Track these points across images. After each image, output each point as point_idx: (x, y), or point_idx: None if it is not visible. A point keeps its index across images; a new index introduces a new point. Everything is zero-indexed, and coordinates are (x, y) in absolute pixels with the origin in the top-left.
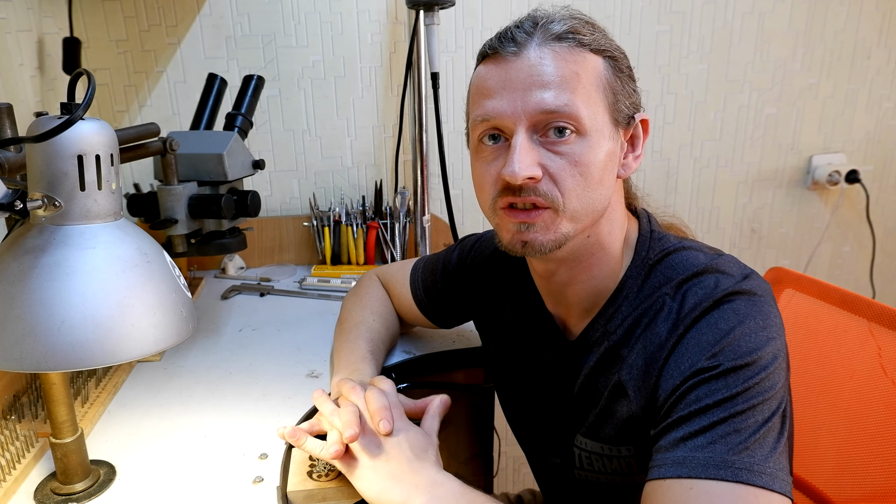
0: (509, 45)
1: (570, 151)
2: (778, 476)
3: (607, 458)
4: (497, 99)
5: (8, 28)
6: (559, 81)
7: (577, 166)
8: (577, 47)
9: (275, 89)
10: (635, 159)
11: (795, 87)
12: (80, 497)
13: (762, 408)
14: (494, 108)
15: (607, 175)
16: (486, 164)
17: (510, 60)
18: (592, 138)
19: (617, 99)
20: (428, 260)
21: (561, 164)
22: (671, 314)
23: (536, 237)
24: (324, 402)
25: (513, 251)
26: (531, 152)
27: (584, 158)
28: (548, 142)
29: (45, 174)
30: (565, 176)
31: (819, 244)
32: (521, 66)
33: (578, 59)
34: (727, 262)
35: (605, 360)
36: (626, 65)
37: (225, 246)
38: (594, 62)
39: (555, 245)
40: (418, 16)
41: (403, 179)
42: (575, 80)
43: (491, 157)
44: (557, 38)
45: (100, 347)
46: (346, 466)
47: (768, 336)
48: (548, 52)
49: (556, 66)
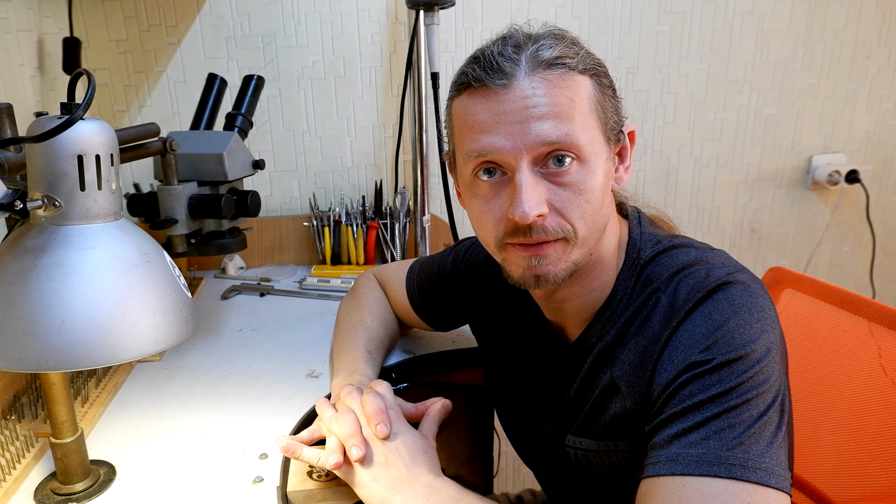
0: (497, 77)
1: (573, 181)
2: (774, 471)
3: (604, 453)
4: (493, 134)
5: (8, 28)
6: (557, 111)
7: (581, 194)
8: (567, 73)
9: (275, 89)
10: (626, 170)
11: (795, 87)
12: (80, 497)
13: (757, 402)
14: (492, 144)
15: (607, 195)
16: (485, 201)
17: (500, 93)
18: (591, 163)
19: (607, 116)
20: (424, 262)
21: (566, 196)
22: (664, 307)
23: (549, 269)
24: (324, 407)
25: (524, 285)
26: (536, 189)
27: (586, 185)
28: (549, 173)
29: (45, 174)
30: (572, 207)
31: (819, 244)
32: (513, 97)
33: (570, 84)
34: (718, 255)
35: (599, 360)
36: (608, 78)
37: (225, 246)
38: (584, 84)
39: (567, 274)
40: (418, 16)
41: (403, 179)
42: (571, 107)
43: (490, 193)
44: (548, 65)
45: (100, 347)
46: (346, 474)
47: (762, 328)
48: (539, 81)
49: (551, 95)
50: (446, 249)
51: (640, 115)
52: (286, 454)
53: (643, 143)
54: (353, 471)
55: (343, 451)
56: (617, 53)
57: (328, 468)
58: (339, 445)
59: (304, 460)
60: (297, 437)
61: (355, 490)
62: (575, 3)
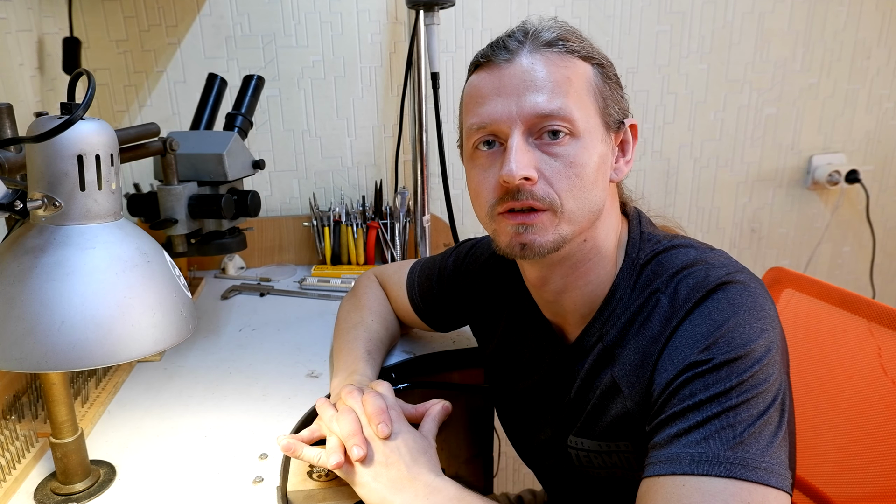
0: (501, 53)
1: (565, 153)
2: (774, 470)
3: (606, 454)
4: (491, 104)
5: (8, 28)
6: (552, 85)
7: (571, 167)
8: (566, 54)
9: (275, 89)
10: (626, 164)
11: (795, 87)
12: (80, 497)
13: (757, 401)
14: (489, 114)
15: (601, 177)
16: (482, 170)
17: (503, 67)
18: (586, 140)
19: (607, 104)
20: (425, 263)
21: (556, 167)
22: (664, 307)
23: (535, 238)
24: (324, 407)
25: (511, 254)
26: (527, 153)
27: (578, 159)
28: (542, 144)
29: (45, 174)
30: (560, 177)
31: (819, 244)
32: (513, 71)
33: (569, 64)
34: (718, 255)
35: (600, 361)
36: (613, 72)
37: (225, 246)
38: (584, 68)
39: (553, 247)
40: (418, 16)
41: (403, 179)
42: (567, 84)
43: (487, 163)
44: (548, 44)
45: (100, 347)
46: (347, 474)
47: (762, 328)
48: (539, 58)
49: (549, 70)
50: (447, 250)
51: (640, 115)
52: (287, 453)
53: (643, 143)
54: (353, 470)
55: (344, 451)
56: (617, 53)
57: (329, 468)
58: (340, 445)
59: (305, 459)
60: (297, 437)
61: (356, 489)
62: (575, 3)
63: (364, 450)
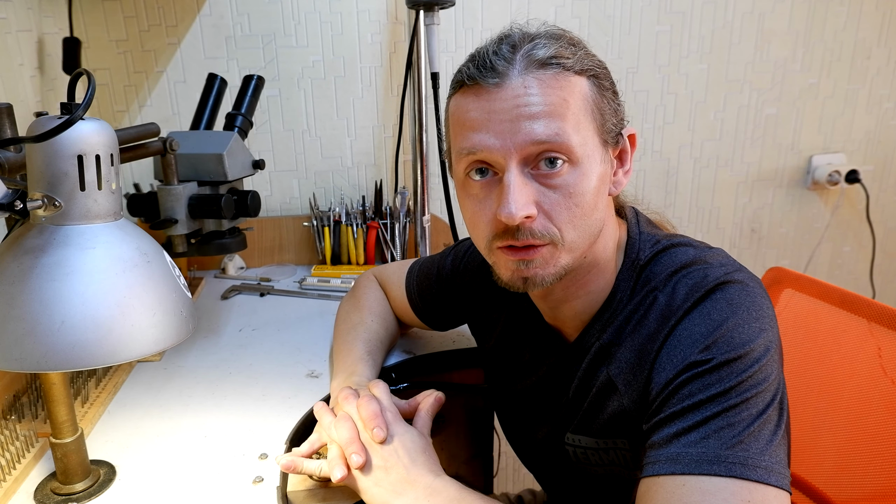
0: (489, 75)
1: (564, 183)
2: (774, 469)
3: (603, 451)
4: (483, 133)
5: (8, 28)
6: (548, 110)
7: (571, 198)
8: (561, 73)
9: (275, 89)
10: (625, 174)
11: (795, 87)
12: (80, 497)
13: (756, 401)
14: (482, 143)
15: (601, 199)
16: (476, 202)
17: (492, 91)
18: (584, 166)
19: (604, 119)
20: (424, 263)
21: (555, 198)
22: (661, 306)
23: (537, 272)
24: (323, 413)
25: (513, 288)
26: (525, 189)
27: (577, 188)
28: (540, 175)
29: (45, 174)
30: (560, 209)
31: (819, 244)
32: (504, 96)
33: (564, 84)
34: (717, 254)
35: (597, 359)
36: (608, 80)
37: (225, 246)
38: (579, 85)
39: (555, 278)
40: (418, 16)
41: (403, 179)
42: (563, 106)
43: (481, 194)
44: (541, 64)
45: (100, 347)
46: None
47: (761, 327)
48: (532, 80)
49: (543, 94)
50: (446, 250)
51: (640, 115)
52: (288, 471)
53: (643, 143)
54: (355, 477)
55: (345, 460)
56: (617, 53)
57: (334, 482)
58: (341, 455)
59: (306, 472)
60: (296, 452)
61: (360, 495)
62: (575, 3)
63: (363, 457)
